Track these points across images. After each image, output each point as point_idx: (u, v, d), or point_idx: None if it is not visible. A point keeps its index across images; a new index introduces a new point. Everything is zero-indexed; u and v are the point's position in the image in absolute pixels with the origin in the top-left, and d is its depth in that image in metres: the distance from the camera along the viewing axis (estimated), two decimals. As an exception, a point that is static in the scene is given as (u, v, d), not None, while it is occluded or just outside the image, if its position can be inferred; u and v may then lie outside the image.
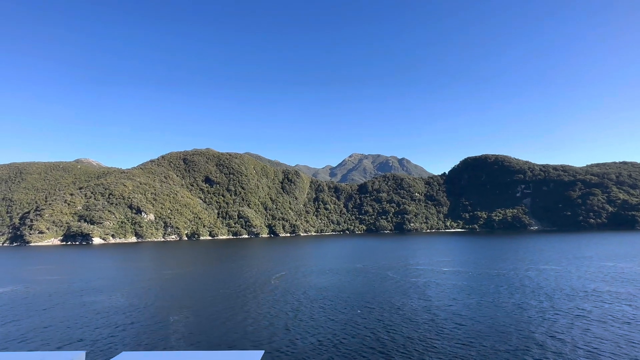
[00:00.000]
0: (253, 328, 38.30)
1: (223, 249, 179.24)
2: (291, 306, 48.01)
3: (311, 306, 47.86)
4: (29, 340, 35.70)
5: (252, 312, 45.34)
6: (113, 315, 44.77)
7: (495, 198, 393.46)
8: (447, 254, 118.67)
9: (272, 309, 46.86)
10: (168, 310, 46.88)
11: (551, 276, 67.49)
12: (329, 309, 45.90)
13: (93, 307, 50.13)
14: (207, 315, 43.73)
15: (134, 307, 48.88)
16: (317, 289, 59.64)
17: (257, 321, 41.06)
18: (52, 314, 46.36)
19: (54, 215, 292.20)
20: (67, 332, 38.02)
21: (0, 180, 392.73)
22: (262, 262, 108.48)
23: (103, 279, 78.05)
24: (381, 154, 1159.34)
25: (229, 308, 47.45)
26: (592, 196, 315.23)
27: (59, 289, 64.84)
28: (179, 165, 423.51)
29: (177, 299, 53.85)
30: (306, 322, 40.43)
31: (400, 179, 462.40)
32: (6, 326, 41.15)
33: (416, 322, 39.01)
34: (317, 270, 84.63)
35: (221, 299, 53.36)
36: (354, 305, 47.90)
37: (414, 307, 45.91)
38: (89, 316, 44.81)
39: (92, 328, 39.43)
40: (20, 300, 56.18)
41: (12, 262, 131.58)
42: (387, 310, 44.36)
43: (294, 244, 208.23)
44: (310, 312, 44.58)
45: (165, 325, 39.95)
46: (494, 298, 49.97)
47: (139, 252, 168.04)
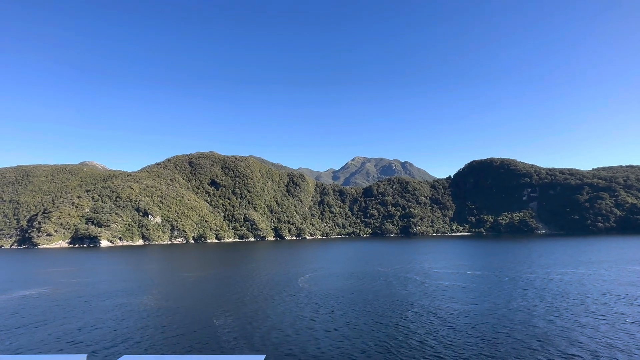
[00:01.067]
0: (292, 332, 38.39)
1: (234, 252, 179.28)
2: (327, 309, 48.07)
3: (349, 310, 47.90)
4: (87, 342, 35.90)
5: (286, 315, 45.43)
6: (153, 317, 44.93)
7: (501, 202, 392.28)
8: (464, 258, 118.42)
9: (306, 312, 46.92)
10: (211, 312, 47.03)
11: (574, 279, 67.34)
12: (378, 313, 45.94)
13: (127, 308, 50.32)
14: (251, 317, 43.87)
15: (171, 309, 49.03)
16: (353, 292, 59.64)
17: (293, 325, 41.13)
18: (96, 316, 46.55)
19: (61, 218, 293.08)
20: (114, 333, 38.21)
21: (7, 182, 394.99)
22: (278, 264, 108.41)
23: (127, 281, 78.25)
24: (384, 157, 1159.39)
25: (261, 310, 47.58)
26: (600, 200, 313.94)
27: (88, 291, 65.08)
28: (184, 168, 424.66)
29: (211, 301, 53.96)
30: (341, 326, 40.48)
31: (406, 182, 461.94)
32: (55, 328, 41.37)
33: (458, 326, 39.01)
34: (339, 273, 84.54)
35: (251, 301, 53.47)
36: (396, 309, 47.91)
37: (455, 310, 45.89)
38: (130, 318, 44.98)
39: (137, 329, 39.60)
40: (54, 302, 56.39)
41: (27, 265, 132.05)
42: (431, 314, 44.38)
43: (303, 247, 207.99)
44: (351, 316, 44.61)
45: (212, 326, 40.08)
46: (526, 302, 49.92)
47: (150, 255, 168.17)
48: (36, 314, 48.58)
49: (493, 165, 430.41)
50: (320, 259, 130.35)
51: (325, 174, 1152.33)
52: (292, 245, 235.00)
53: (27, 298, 60.07)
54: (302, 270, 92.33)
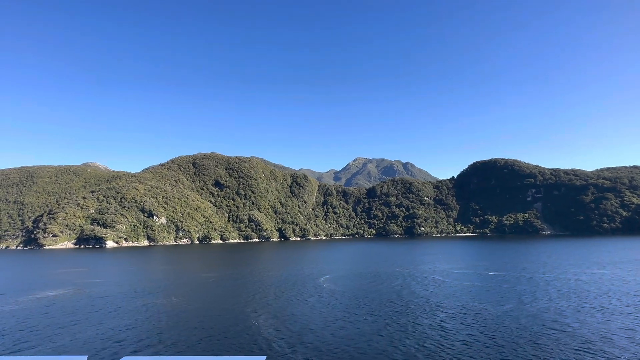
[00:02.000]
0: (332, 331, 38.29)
1: (242, 253, 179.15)
2: (360, 310, 48.00)
3: (382, 311, 47.82)
4: (129, 341, 35.82)
5: (319, 316, 45.36)
6: (192, 318, 44.88)
7: (505, 202, 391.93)
8: (477, 258, 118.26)
9: (339, 313, 46.85)
10: (246, 313, 46.97)
11: (594, 279, 67.31)
12: (412, 313, 45.85)
13: (160, 309, 50.24)
14: (286, 318, 43.80)
15: (206, 310, 48.99)
16: (380, 293, 59.59)
17: (331, 327, 41.04)
18: (132, 316, 46.48)
19: (67, 219, 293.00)
20: (153, 332, 38.13)
21: (11, 183, 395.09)
22: (294, 265, 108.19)
23: (148, 281, 78.14)
24: (385, 158, 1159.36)
25: (293, 310, 47.53)
26: (605, 200, 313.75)
27: (112, 292, 64.99)
28: (188, 169, 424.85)
29: (241, 302, 53.88)
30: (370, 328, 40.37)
31: (409, 183, 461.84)
32: (93, 327, 41.29)
33: (497, 328, 38.92)
34: (358, 273, 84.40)
35: (281, 302, 53.42)
36: (428, 309, 47.84)
37: (488, 311, 45.80)
38: (167, 318, 44.91)
39: (177, 329, 39.53)
40: (82, 302, 56.30)
41: (38, 265, 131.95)
42: (466, 315, 44.30)
43: (310, 248, 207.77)
44: (387, 317, 44.54)
45: (252, 327, 40.02)
46: (552, 302, 49.85)
47: (159, 256, 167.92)
48: (69, 313, 48.49)
49: (497, 165, 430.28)
50: (332, 259, 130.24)
51: (326, 175, 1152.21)
52: (299, 246, 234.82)
53: (53, 298, 59.95)
54: (319, 270, 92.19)
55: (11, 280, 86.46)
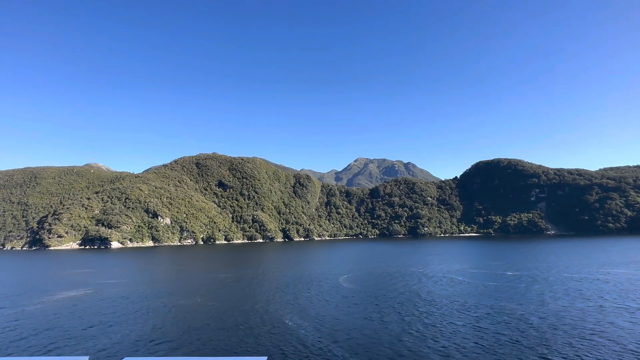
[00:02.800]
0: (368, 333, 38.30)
1: (251, 253, 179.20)
2: (389, 310, 48.03)
3: (415, 311, 47.85)
4: (164, 342, 35.87)
5: (351, 317, 45.40)
6: (225, 319, 44.93)
7: (509, 202, 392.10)
8: (491, 258, 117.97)
9: (372, 313, 46.87)
10: (278, 312, 47.00)
11: (622, 279, 67.33)
12: (446, 313, 45.89)
13: (184, 309, 50.27)
14: (318, 318, 43.82)
15: (235, 310, 49.05)
16: (404, 293, 59.62)
17: (367, 326, 41.08)
18: (166, 317, 46.53)
19: (72, 220, 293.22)
20: (186, 332, 38.18)
21: (15, 184, 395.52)
22: (308, 265, 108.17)
23: (164, 282, 78.19)
24: (387, 158, 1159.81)
25: (321, 310, 47.57)
26: (609, 200, 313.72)
27: (132, 292, 65.00)
28: (192, 170, 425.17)
29: (268, 302, 53.93)
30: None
31: (412, 183, 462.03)
32: (126, 328, 41.33)
33: (538, 328, 38.93)
34: (375, 272, 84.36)
35: (308, 302, 53.46)
36: (460, 309, 47.86)
37: (525, 312, 45.83)
38: (199, 319, 44.97)
39: (208, 329, 39.57)
40: (105, 302, 56.32)
41: (49, 266, 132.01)
42: (501, 314, 44.33)
43: (317, 248, 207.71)
44: (422, 318, 44.57)
45: (286, 327, 40.06)
46: (599, 302, 49.88)
47: (167, 256, 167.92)
48: (97, 314, 48.52)
49: (500, 165, 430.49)
50: (342, 259, 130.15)
51: (328, 175, 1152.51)
52: (304, 246, 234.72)
53: (75, 298, 59.97)
54: (333, 270, 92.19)
55: (28, 281, 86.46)
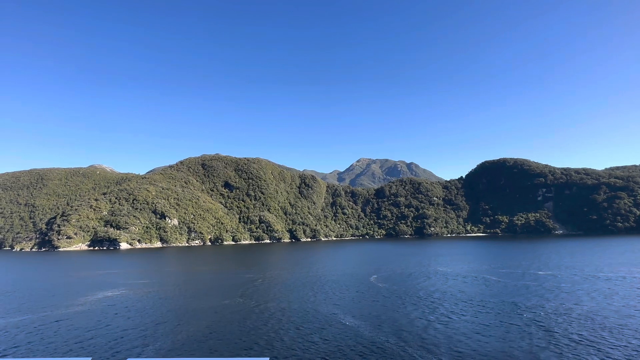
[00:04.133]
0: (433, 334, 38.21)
1: (265, 254, 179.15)
2: (444, 310, 47.97)
3: (469, 311, 47.79)
4: (225, 342, 35.84)
5: (409, 317, 45.34)
6: (276, 318, 44.91)
7: (515, 202, 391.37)
8: (516, 257, 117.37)
9: (429, 314, 46.80)
10: (328, 314, 46.95)
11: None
12: (502, 313, 45.80)
13: (232, 309, 50.25)
14: (373, 319, 43.76)
15: (278, 310, 49.04)
16: (444, 292, 59.56)
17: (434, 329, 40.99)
18: (219, 318, 46.52)
19: (80, 221, 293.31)
20: (245, 332, 38.16)
21: (22, 186, 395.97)
22: (333, 265, 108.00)
23: (193, 282, 78.14)
24: (389, 159, 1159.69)
25: (360, 310, 47.52)
26: (618, 200, 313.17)
27: (168, 293, 65.04)
28: (197, 171, 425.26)
29: (312, 302, 53.87)
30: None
31: (418, 183, 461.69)
32: (182, 328, 41.30)
33: (605, 327, 38.85)
34: (405, 272, 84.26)
35: (345, 301, 53.41)
36: (514, 309, 47.77)
37: (579, 311, 45.74)
38: (254, 319, 44.95)
39: (269, 330, 39.54)
40: (147, 303, 56.31)
41: (72, 267, 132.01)
42: (558, 315, 44.23)
43: (329, 248, 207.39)
44: (480, 318, 44.50)
45: (344, 326, 39.98)
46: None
47: (180, 256, 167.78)
48: (145, 314, 48.51)
49: (506, 165, 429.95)
50: (361, 259, 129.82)
51: (330, 176, 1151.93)
52: (315, 247, 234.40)
53: (114, 299, 59.98)
54: (360, 270, 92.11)
55: (56, 281, 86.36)
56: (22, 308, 54.48)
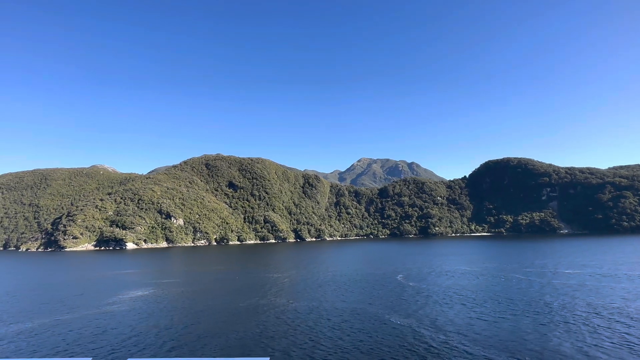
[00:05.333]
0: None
1: (274, 253, 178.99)
2: (497, 309, 47.92)
3: (532, 313, 47.76)
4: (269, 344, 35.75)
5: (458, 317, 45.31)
6: (325, 317, 44.84)
7: (519, 201, 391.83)
8: (536, 257, 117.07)
9: (483, 315, 46.77)
10: (377, 313, 46.89)
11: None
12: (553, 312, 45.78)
13: (277, 309, 50.16)
14: (428, 319, 43.69)
15: (323, 310, 48.96)
16: (485, 291, 59.55)
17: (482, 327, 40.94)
18: (263, 317, 46.40)
19: (86, 221, 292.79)
20: (300, 334, 38.06)
21: (26, 186, 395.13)
22: (349, 264, 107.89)
23: (221, 281, 77.91)
24: (390, 158, 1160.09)
25: (410, 309, 47.49)
26: (623, 199, 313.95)
27: (199, 291, 64.94)
28: (201, 171, 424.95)
29: (356, 301, 53.80)
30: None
31: (422, 182, 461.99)
32: (245, 329, 41.18)
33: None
34: (436, 271, 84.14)
35: (388, 301, 53.37)
36: (569, 309, 47.76)
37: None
38: (300, 319, 44.85)
39: (324, 329, 39.45)
40: (182, 302, 56.16)
41: (88, 267, 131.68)
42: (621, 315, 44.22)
43: (337, 248, 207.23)
44: (538, 319, 44.47)
45: (391, 324, 39.92)
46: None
47: (190, 256, 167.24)
48: (186, 314, 48.36)
49: (510, 165, 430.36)
50: (378, 258, 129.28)
51: (331, 176, 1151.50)
52: (323, 246, 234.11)
53: (146, 298, 59.77)
54: (386, 269, 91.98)
55: (81, 282, 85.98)
56: (63, 308, 54.24)
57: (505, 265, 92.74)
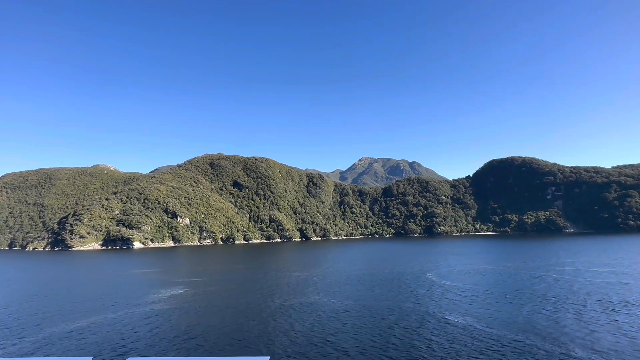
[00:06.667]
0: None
1: (286, 252, 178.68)
2: (524, 308, 47.84)
3: (562, 311, 47.69)
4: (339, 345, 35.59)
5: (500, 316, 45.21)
6: (374, 317, 44.70)
7: (524, 201, 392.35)
8: (558, 255, 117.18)
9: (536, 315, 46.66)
10: (433, 310, 46.76)
11: None
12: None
13: (316, 307, 49.99)
14: (485, 319, 43.56)
15: (363, 308, 48.81)
16: (518, 290, 59.46)
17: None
18: (314, 316, 46.24)
19: (93, 220, 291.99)
20: (347, 331, 37.92)
21: (30, 186, 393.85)
22: (372, 263, 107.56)
23: (253, 280, 77.56)
24: (391, 158, 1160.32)
25: (465, 307, 47.38)
26: (629, 198, 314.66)
27: (236, 290, 64.73)
28: (206, 170, 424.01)
29: (398, 300, 53.68)
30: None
31: (426, 182, 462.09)
32: (304, 329, 40.98)
33: None
34: (463, 270, 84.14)
35: (434, 299, 53.29)
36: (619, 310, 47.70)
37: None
38: (352, 318, 44.72)
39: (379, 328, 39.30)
40: (224, 301, 55.94)
41: (107, 267, 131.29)
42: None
43: (346, 247, 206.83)
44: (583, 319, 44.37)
45: (445, 323, 39.76)
46: None
47: (202, 255, 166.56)
48: (235, 313, 48.16)
49: (514, 164, 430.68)
50: (392, 256, 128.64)
51: (332, 175, 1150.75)
52: (333, 245, 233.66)
53: (180, 297, 59.47)
54: (412, 268, 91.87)
55: (108, 281, 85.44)
56: (103, 307, 53.96)
57: (532, 264, 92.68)
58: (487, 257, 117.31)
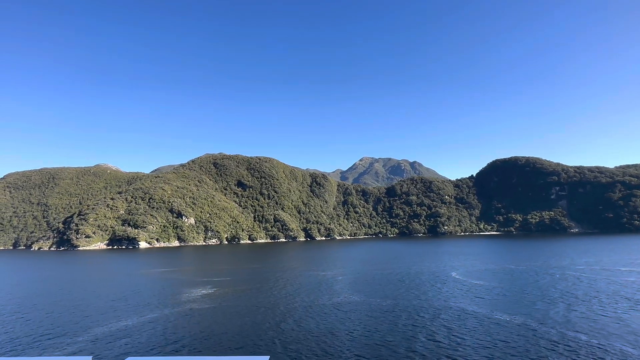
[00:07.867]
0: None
1: (297, 252, 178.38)
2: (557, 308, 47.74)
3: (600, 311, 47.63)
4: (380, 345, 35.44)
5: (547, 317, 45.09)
6: (404, 314, 44.54)
7: (528, 201, 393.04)
8: (576, 255, 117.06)
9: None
10: (471, 309, 46.65)
11: None
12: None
13: (353, 307, 49.84)
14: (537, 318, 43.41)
15: (401, 308, 48.65)
16: (544, 289, 59.37)
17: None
18: (358, 316, 46.07)
19: (98, 220, 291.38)
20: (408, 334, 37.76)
21: (33, 185, 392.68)
22: (391, 263, 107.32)
23: (279, 280, 77.35)
24: (392, 157, 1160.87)
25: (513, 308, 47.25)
26: (634, 197, 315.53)
27: (265, 289, 64.54)
28: (210, 170, 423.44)
29: (433, 300, 53.60)
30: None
31: (429, 181, 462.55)
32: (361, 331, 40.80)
33: None
34: (485, 269, 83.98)
35: (470, 300, 53.18)
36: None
37: None
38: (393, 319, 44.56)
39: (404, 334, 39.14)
40: (261, 301, 55.73)
41: (126, 266, 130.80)
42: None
43: (354, 246, 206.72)
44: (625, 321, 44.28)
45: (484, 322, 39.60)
46: None
47: (211, 255, 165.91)
48: (271, 315, 47.96)
49: (518, 164, 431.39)
50: (404, 256, 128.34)
51: (333, 175, 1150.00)
52: (340, 245, 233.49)
53: (216, 297, 59.19)
54: (436, 267, 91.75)
55: (132, 280, 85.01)
56: (138, 307, 53.67)
57: (555, 263, 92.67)
58: (505, 257, 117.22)
